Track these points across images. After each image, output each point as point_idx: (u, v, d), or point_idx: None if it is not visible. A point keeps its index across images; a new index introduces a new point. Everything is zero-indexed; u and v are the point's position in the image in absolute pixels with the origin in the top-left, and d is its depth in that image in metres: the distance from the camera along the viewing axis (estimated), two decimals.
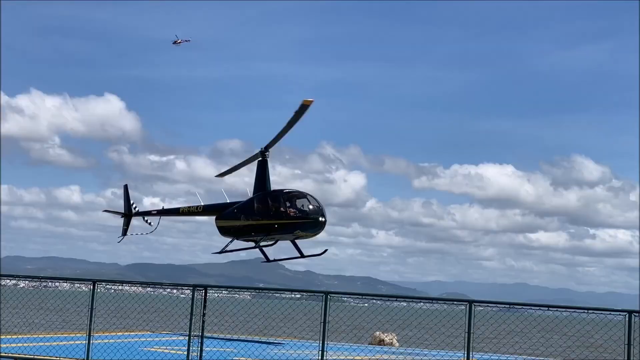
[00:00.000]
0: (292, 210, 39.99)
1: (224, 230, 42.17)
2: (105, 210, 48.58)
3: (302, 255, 41.82)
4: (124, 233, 45.30)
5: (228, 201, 42.86)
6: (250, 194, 41.80)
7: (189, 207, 43.82)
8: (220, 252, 42.01)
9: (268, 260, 42.48)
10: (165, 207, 45.21)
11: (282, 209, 40.07)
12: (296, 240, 41.46)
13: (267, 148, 41.35)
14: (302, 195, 40.64)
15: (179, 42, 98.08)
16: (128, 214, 45.14)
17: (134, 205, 45.15)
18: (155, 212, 44.77)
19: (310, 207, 40.06)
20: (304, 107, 38.67)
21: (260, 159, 41.68)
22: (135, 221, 45.23)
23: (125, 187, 45.83)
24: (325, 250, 42.91)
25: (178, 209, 44.52)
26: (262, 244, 41.71)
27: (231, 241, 41.75)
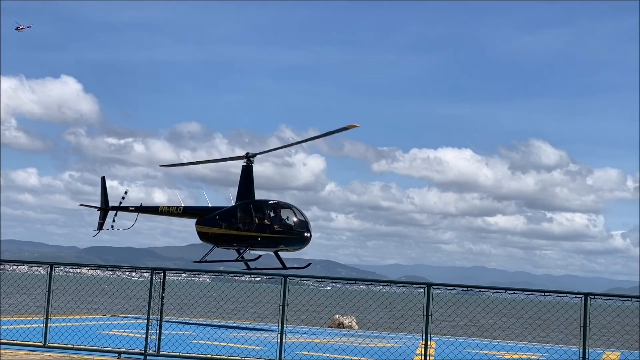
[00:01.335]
0: (277, 223, 38.95)
1: (203, 236, 41.23)
2: (82, 204, 47.46)
3: (285, 267, 40.67)
4: (100, 227, 43.95)
5: (210, 205, 42.06)
6: (233, 200, 40.99)
7: (169, 207, 42.66)
8: (199, 262, 40.72)
9: (249, 268, 41.80)
10: (143, 204, 43.69)
11: (266, 221, 39.06)
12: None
13: (253, 155, 40.58)
14: (287, 207, 39.64)
15: (21, 29, 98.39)
16: (105, 207, 43.96)
17: (124, 195, 43.82)
18: (132, 208, 43.30)
19: (296, 220, 39.00)
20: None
21: (244, 164, 40.74)
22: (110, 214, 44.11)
23: (103, 180, 44.59)
24: (309, 264, 42.10)
25: (157, 207, 43.26)
26: (244, 256, 40.63)
27: (212, 249, 40.89)
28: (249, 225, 39.37)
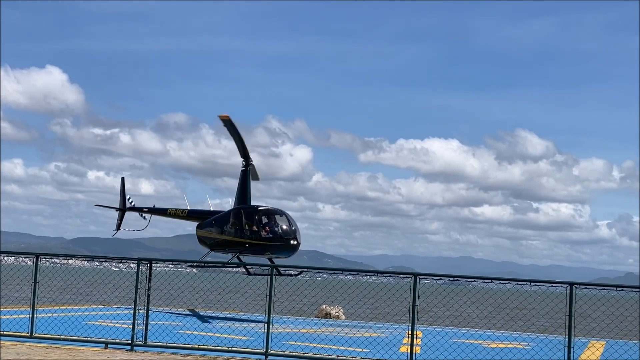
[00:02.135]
0: (264, 230, 38.78)
1: (201, 241, 41.77)
2: (98, 205, 48.91)
3: (280, 274, 40.86)
4: (118, 227, 45.30)
5: (211, 209, 42.66)
6: (231, 204, 41.33)
7: (176, 209, 43.83)
8: (195, 265, 40.95)
9: (249, 273, 41.81)
10: (156, 206, 44.95)
11: (254, 227, 38.93)
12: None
13: (244, 158, 41.00)
14: (276, 213, 39.45)
15: None
16: (123, 208, 45.08)
17: (130, 200, 45.11)
18: (146, 209, 44.50)
19: (284, 228, 38.74)
20: (223, 122, 38.71)
21: (242, 168, 41.08)
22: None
23: (122, 181, 45.75)
24: (301, 272, 42.41)
25: (166, 209, 44.40)
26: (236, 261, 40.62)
27: (207, 253, 41.13)
28: (239, 231, 39.46)
